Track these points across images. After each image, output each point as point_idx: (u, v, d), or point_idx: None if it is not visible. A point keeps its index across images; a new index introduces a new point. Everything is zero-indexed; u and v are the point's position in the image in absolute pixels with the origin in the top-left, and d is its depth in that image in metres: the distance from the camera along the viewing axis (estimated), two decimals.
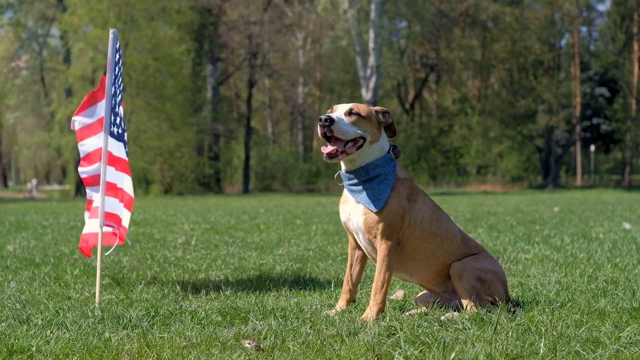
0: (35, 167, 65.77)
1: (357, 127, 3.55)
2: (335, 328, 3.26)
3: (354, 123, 3.56)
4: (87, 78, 36.93)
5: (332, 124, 3.50)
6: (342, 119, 3.54)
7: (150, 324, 3.52)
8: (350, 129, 3.54)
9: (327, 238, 8.31)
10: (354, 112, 3.59)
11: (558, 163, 45.85)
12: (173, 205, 21.22)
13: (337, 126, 3.51)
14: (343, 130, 3.52)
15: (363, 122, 3.58)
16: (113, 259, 6.55)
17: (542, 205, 17.75)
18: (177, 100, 36.72)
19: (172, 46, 36.33)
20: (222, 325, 3.47)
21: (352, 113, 3.58)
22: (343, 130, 3.52)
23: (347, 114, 3.58)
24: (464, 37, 46.10)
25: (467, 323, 3.29)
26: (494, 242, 7.47)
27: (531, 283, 4.62)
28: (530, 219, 11.74)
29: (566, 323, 3.31)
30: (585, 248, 6.76)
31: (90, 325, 3.49)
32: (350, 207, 3.68)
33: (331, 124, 3.50)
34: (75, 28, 36.33)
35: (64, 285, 5.01)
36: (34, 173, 65.74)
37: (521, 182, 44.70)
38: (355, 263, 3.84)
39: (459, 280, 3.62)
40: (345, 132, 3.52)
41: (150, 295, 4.48)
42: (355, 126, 3.55)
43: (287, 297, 4.37)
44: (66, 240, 8.43)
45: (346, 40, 40.60)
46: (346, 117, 3.57)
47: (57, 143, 37.88)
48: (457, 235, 3.74)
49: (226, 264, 6.05)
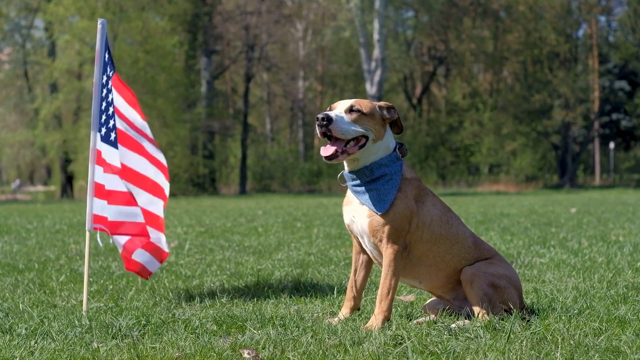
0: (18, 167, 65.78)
1: (358, 125, 3.55)
2: (338, 337, 3.26)
3: (355, 121, 3.55)
4: (73, 72, 36.92)
5: (330, 123, 3.49)
6: (341, 117, 3.53)
7: (141, 333, 3.52)
8: (351, 128, 3.53)
9: (329, 242, 8.32)
10: (355, 109, 3.58)
11: (575, 161, 45.82)
12: (165, 207, 21.20)
13: (336, 125, 3.50)
14: (342, 129, 3.51)
15: (365, 119, 3.57)
16: (101, 264, 6.55)
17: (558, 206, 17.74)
18: (169, 96, 36.71)
19: (164, 38, 36.33)
20: (217, 334, 3.47)
21: (353, 110, 3.58)
22: (342, 129, 3.51)
23: (347, 111, 3.58)
24: (475, 28, 46.07)
25: (479, 331, 3.29)
26: (507, 246, 7.47)
27: (547, 289, 4.62)
28: (546, 220, 11.73)
29: (584, 331, 3.30)
30: (604, 252, 6.75)
31: (77, 335, 3.49)
32: (354, 209, 3.68)
33: (329, 123, 3.49)
34: (60, 19, 36.33)
35: (49, 292, 5.01)
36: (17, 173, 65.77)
37: (536, 181, 44.68)
38: (360, 268, 3.84)
39: (471, 286, 3.62)
40: (345, 131, 3.52)
41: (141, 302, 4.48)
42: (357, 124, 3.55)
43: (287, 304, 4.37)
44: (51, 245, 8.44)
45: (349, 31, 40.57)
46: (347, 114, 3.56)
47: (41, 141, 37.86)
48: (468, 239, 3.74)
49: (222, 269, 6.05)
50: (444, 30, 45.85)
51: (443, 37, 46.37)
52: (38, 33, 46.78)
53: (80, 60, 35.91)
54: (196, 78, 41.74)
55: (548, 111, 45.00)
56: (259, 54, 41.35)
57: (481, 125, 44.87)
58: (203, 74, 41.58)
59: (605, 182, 48.69)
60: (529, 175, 44.90)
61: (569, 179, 44.07)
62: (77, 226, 11.70)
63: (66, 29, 36.53)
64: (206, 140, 41.58)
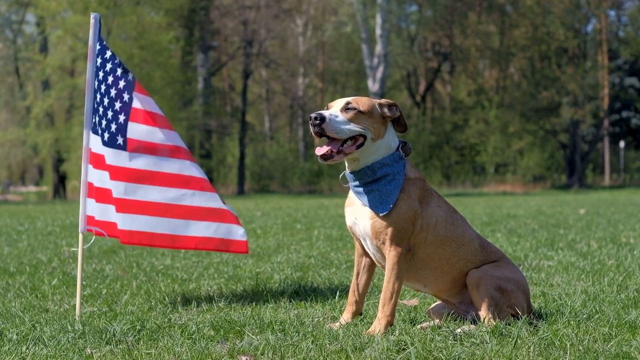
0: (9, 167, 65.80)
1: (354, 124, 3.53)
2: (339, 343, 3.26)
3: (351, 119, 3.54)
4: (66, 69, 36.94)
5: (323, 122, 3.48)
6: (335, 116, 3.52)
7: (136, 339, 3.52)
8: (345, 127, 3.52)
9: (330, 244, 8.32)
10: (350, 107, 3.57)
11: (584, 161, 45.81)
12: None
13: (329, 124, 3.49)
14: (336, 128, 3.50)
15: (363, 117, 3.56)
16: (95, 267, 6.55)
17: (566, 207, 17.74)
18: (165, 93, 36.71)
19: (160, 33, 36.33)
20: (215, 340, 3.47)
21: (349, 108, 3.56)
22: (336, 128, 3.50)
23: (343, 109, 3.57)
24: (481, 23, 46.06)
25: (485, 337, 3.29)
26: (514, 248, 7.47)
27: (555, 293, 4.62)
28: (554, 222, 11.73)
29: (593, 337, 3.30)
30: (614, 254, 6.75)
31: (70, 340, 3.49)
32: (356, 210, 3.68)
33: (322, 122, 3.49)
34: (52, 14, 36.34)
35: (41, 296, 5.01)
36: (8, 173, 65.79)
37: (543, 181, 44.67)
38: (362, 271, 3.84)
39: (477, 290, 3.62)
40: (339, 131, 3.51)
41: (136, 307, 4.48)
42: (353, 123, 3.53)
43: (287, 309, 4.37)
44: (43, 247, 8.44)
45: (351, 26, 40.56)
46: (342, 113, 3.55)
47: (33, 140, 37.88)
48: (474, 241, 3.74)
49: (219, 272, 6.05)
50: (448, 25, 45.83)
51: (448, 33, 46.35)
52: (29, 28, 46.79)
53: (73, 57, 35.92)
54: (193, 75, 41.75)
55: (556, 109, 44.97)
56: (258, 50, 41.35)
57: (487, 124, 44.85)
58: (200, 70, 41.59)
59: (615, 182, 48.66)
60: (536, 175, 44.87)
61: (577, 179, 44.05)
62: (69, 228, 11.71)
63: (58, 24, 36.54)
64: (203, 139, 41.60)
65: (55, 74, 37.22)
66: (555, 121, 44.73)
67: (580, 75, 44.76)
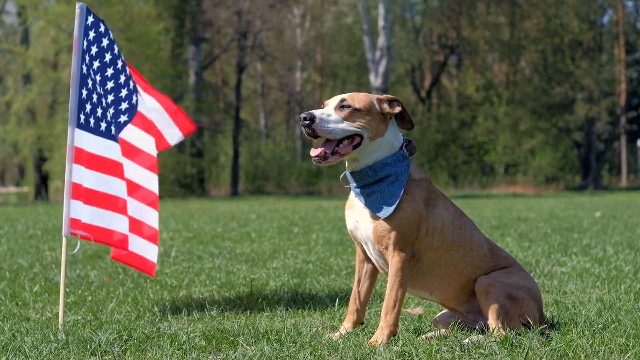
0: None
1: (348, 123, 3.52)
2: (339, 354, 3.26)
3: (346, 118, 3.53)
4: (49, 62, 36.92)
5: (313, 122, 3.48)
6: (326, 115, 3.51)
7: (123, 349, 3.52)
8: (338, 127, 3.51)
9: (329, 248, 8.32)
10: (345, 104, 3.56)
11: (600, 161, 45.86)
12: None
13: (320, 125, 3.49)
14: (327, 129, 3.49)
15: (359, 115, 3.55)
16: (79, 273, 6.55)
17: (581, 209, 17.75)
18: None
19: (149, 24, 36.33)
20: (207, 350, 3.47)
21: (343, 106, 3.56)
22: (327, 129, 3.49)
23: (337, 107, 3.56)
24: (490, 14, 46.09)
25: (494, 348, 3.29)
26: (525, 253, 7.47)
27: (568, 301, 4.62)
28: (567, 225, 11.74)
29: (609, 348, 3.30)
30: (631, 260, 6.75)
31: (52, 350, 3.49)
32: (357, 213, 3.67)
33: (312, 122, 3.48)
34: (34, 3, 36.34)
35: (22, 304, 5.01)
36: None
37: (556, 182, 44.69)
38: (364, 278, 3.84)
39: (486, 298, 3.61)
40: (331, 131, 3.50)
41: (123, 315, 4.48)
42: (347, 122, 3.52)
43: (283, 317, 4.37)
44: (24, 252, 8.43)
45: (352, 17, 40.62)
46: (336, 111, 3.55)
47: (13, 138, 37.88)
48: (483, 245, 3.74)
49: (211, 279, 6.05)
50: (455, 16, 45.86)
51: (455, 24, 46.38)
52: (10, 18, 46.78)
53: (56, 49, 35.90)
54: (183, 68, 41.72)
55: (570, 105, 45.00)
56: (253, 42, 41.34)
57: (496, 121, 44.87)
58: (191, 64, 41.56)
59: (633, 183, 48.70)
60: (548, 176, 44.88)
61: (592, 180, 44.09)
62: (52, 231, 11.70)
63: (41, 14, 36.53)
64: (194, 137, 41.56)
65: (37, 67, 37.18)
66: (569, 118, 44.75)
67: (596, 69, 44.78)
